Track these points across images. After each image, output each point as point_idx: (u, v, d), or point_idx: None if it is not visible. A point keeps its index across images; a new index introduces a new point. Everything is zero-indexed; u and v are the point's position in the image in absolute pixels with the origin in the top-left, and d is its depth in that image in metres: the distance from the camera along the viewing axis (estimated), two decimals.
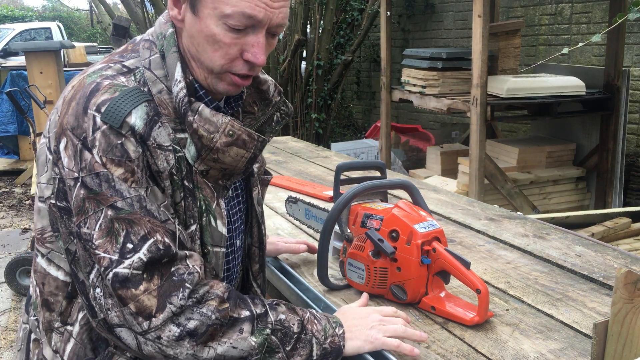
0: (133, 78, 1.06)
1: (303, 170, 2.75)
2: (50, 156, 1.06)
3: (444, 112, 4.52)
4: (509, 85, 4.10)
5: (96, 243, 0.99)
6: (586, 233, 2.95)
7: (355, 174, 2.27)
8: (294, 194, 2.09)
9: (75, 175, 1.00)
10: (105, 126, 0.99)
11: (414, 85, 4.79)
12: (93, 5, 15.16)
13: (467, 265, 1.25)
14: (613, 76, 4.32)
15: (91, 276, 1.02)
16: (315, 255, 1.57)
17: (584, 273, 1.52)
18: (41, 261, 1.12)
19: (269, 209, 2.13)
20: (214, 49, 1.05)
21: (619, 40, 4.28)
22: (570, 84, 4.23)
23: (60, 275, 1.11)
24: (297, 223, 1.94)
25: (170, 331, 0.99)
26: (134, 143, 1.00)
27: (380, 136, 5.40)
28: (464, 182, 4.33)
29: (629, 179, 5.10)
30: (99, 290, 1.00)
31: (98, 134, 0.99)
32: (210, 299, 1.03)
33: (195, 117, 1.05)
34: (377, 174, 1.67)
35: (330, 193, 2.20)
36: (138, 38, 1.15)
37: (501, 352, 1.15)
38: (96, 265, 1.00)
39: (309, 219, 1.80)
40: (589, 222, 3.18)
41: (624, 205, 4.67)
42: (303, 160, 3.01)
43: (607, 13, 4.83)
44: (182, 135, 1.06)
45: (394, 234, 1.31)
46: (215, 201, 1.12)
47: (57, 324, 1.12)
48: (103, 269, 0.98)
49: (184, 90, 1.05)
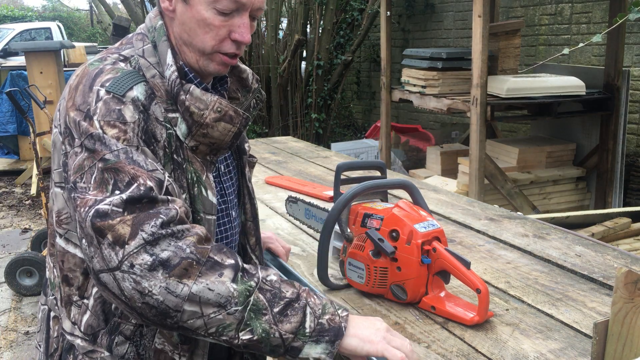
0: (130, 64, 1.18)
1: (303, 170, 2.76)
2: (61, 138, 1.14)
3: (444, 112, 4.52)
4: (509, 85, 4.10)
5: (90, 193, 1.05)
6: (586, 233, 2.95)
7: (355, 174, 2.27)
8: (294, 194, 2.09)
9: (78, 144, 1.09)
10: (108, 95, 1.10)
11: (414, 85, 4.80)
12: (93, 5, 15.18)
13: (467, 265, 1.25)
14: (613, 76, 4.32)
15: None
16: (315, 254, 1.57)
17: (584, 273, 1.52)
18: (60, 241, 1.20)
19: (269, 209, 2.13)
20: (204, 32, 1.18)
21: (619, 40, 4.28)
22: (570, 84, 4.23)
23: (78, 252, 1.18)
24: (297, 223, 1.94)
25: (142, 259, 1.00)
26: (132, 110, 1.11)
27: (380, 136, 5.40)
28: (464, 182, 4.33)
29: (629, 179, 5.10)
30: (84, 240, 1.05)
31: (100, 103, 1.10)
32: (189, 235, 1.05)
33: (187, 97, 1.17)
34: (377, 174, 1.67)
35: (330, 193, 2.20)
36: (130, 34, 1.27)
37: (501, 352, 1.15)
38: (82, 209, 1.04)
39: (309, 218, 1.80)
40: (589, 222, 3.18)
41: (624, 205, 4.68)
42: (303, 160, 3.01)
43: (607, 13, 4.83)
44: (173, 115, 1.18)
45: (394, 234, 1.31)
46: (205, 174, 1.23)
47: (76, 298, 1.20)
48: (87, 208, 1.03)
49: (176, 73, 1.17)
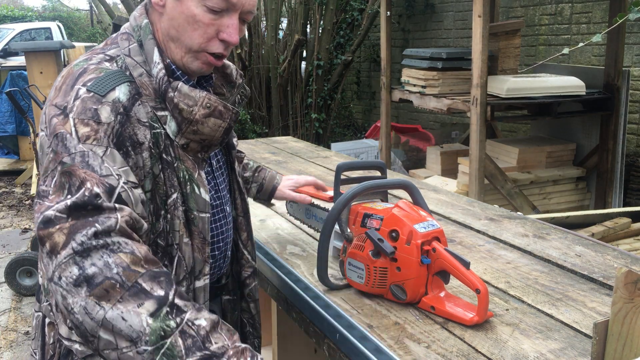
0: (116, 64, 1.17)
1: (303, 170, 2.75)
2: (47, 141, 1.12)
3: (444, 112, 4.52)
4: (509, 85, 4.10)
5: (50, 198, 1.03)
6: (586, 233, 2.95)
7: (355, 174, 2.27)
8: None
9: (49, 142, 1.08)
10: (87, 94, 1.09)
11: (414, 85, 4.79)
12: (93, 5, 15.16)
13: (467, 265, 1.25)
14: (613, 76, 4.32)
15: None
16: (315, 254, 1.58)
17: (584, 273, 1.52)
18: None
19: (269, 209, 2.13)
20: (193, 29, 1.17)
21: (619, 40, 4.28)
22: (570, 84, 4.23)
23: None
24: (298, 223, 1.94)
25: (70, 272, 0.96)
26: (109, 111, 1.09)
27: (380, 136, 5.40)
28: (464, 182, 4.33)
29: (629, 179, 5.10)
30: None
31: (78, 101, 1.08)
32: (123, 252, 0.98)
33: (175, 94, 1.16)
34: (377, 174, 1.67)
35: (330, 193, 2.20)
36: (114, 35, 1.27)
37: (501, 352, 1.15)
38: (35, 214, 1.03)
39: (310, 218, 1.80)
40: (589, 222, 3.18)
41: (624, 205, 4.68)
42: (303, 160, 3.01)
43: (607, 13, 4.83)
44: (162, 113, 1.17)
45: (393, 234, 1.31)
46: (197, 172, 1.22)
47: None
48: (39, 214, 1.01)
49: (163, 71, 1.17)
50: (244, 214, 1.43)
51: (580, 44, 3.96)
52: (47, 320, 1.22)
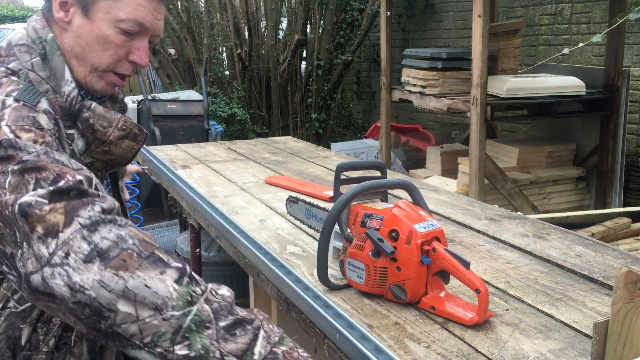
0: (19, 78, 1.12)
1: (303, 170, 2.75)
2: None
3: (444, 112, 4.52)
4: (509, 85, 4.10)
5: (5, 197, 0.95)
6: (586, 233, 2.95)
7: (355, 174, 2.27)
8: (294, 194, 2.09)
9: None
10: (17, 103, 1.05)
11: (414, 85, 4.79)
12: None
13: (467, 265, 1.25)
14: (613, 76, 4.32)
15: None
16: (315, 254, 1.57)
17: (584, 273, 1.52)
18: None
19: (269, 209, 2.13)
20: (103, 49, 1.15)
21: (619, 40, 4.28)
22: (570, 84, 4.23)
23: None
24: (298, 223, 1.94)
25: (79, 248, 0.90)
26: (46, 119, 1.06)
27: (380, 136, 5.40)
28: (464, 182, 4.33)
29: (629, 179, 5.10)
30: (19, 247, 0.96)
31: (8, 110, 1.03)
32: (132, 227, 0.95)
33: (89, 114, 1.15)
34: (377, 174, 1.67)
35: (330, 193, 2.20)
36: (4, 44, 1.19)
37: (501, 352, 1.15)
38: (3, 211, 0.95)
39: (310, 218, 1.80)
40: (589, 222, 3.18)
41: (624, 205, 4.67)
42: (303, 160, 3.01)
43: (607, 13, 4.83)
44: (70, 132, 1.15)
45: (393, 234, 1.31)
46: None
47: None
48: (10, 207, 0.94)
49: (77, 90, 1.14)
50: None
51: (580, 44, 3.96)
52: None
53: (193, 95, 5.56)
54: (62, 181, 0.95)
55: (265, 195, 2.31)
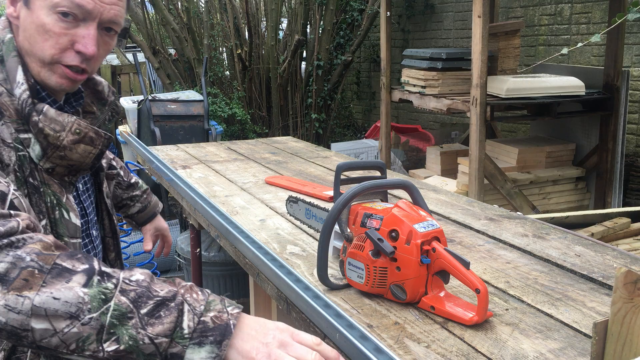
0: None
1: (303, 170, 2.76)
2: None
3: (444, 112, 4.52)
4: (508, 85, 4.10)
5: None
6: (586, 233, 2.96)
7: (355, 174, 2.28)
8: (294, 194, 2.10)
9: None
10: None
11: (414, 85, 4.80)
12: None
13: (467, 265, 1.26)
14: (612, 76, 4.32)
15: None
16: (315, 254, 1.58)
17: (584, 273, 1.52)
18: None
19: (269, 209, 2.13)
20: (44, 39, 1.09)
21: (619, 40, 4.29)
22: (570, 84, 4.23)
23: None
24: (298, 223, 1.94)
25: None
26: None
27: (380, 136, 5.41)
28: (464, 182, 4.33)
29: (629, 179, 5.10)
30: None
31: None
32: (31, 243, 0.91)
33: (40, 117, 1.09)
34: (377, 174, 1.67)
35: (330, 193, 2.20)
36: None
37: (501, 352, 1.15)
38: None
39: (310, 218, 1.80)
40: (588, 222, 3.18)
41: (623, 205, 4.68)
42: (303, 160, 3.01)
43: (607, 13, 4.83)
44: (26, 136, 1.10)
45: (393, 234, 1.31)
46: (65, 196, 1.15)
47: None
48: None
49: (27, 92, 1.09)
50: (112, 234, 1.39)
51: (580, 44, 3.96)
52: None
53: (193, 95, 5.56)
54: None
55: (266, 195, 2.31)
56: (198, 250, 2.71)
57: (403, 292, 1.32)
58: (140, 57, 7.32)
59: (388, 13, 5.12)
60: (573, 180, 4.57)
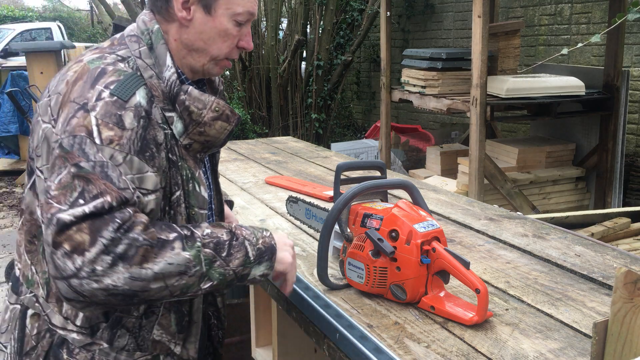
0: (128, 65, 1.22)
1: (303, 170, 2.76)
2: (55, 135, 1.14)
3: (444, 112, 4.52)
4: (508, 85, 4.10)
5: (52, 194, 1.08)
6: (586, 233, 2.96)
7: (355, 174, 2.28)
8: (294, 194, 2.10)
9: (58, 137, 1.12)
10: (111, 98, 1.13)
11: (414, 85, 4.80)
12: (93, 5, 15.16)
13: (467, 265, 1.26)
14: (612, 76, 4.32)
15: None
16: (315, 254, 1.58)
17: (584, 273, 1.52)
18: None
19: (269, 209, 2.13)
20: (223, 40, 1.29)
21: (619, 40, 4.29)
22: (570, 84, 4.23)
23: None
24: (298, 223, 1.94)
25: (102, 260, 1.04)
26: (132, 117, 1.14)
27: (380, 136, 5.41)
28: (464, 182, 4.33)
29: (629, 179, 5.11)
30: (46, 245, 1.08)
31: (101, 102, 1.13)
32: (136, 225, 1.09)
33: (186, 96, 1.24)
34: (377, 174, 1.67)
35: (330, 193, 2.20)
36: (118, 36, 1.32)
37: (501, 352, 1.15)
38: (45, 214, 1.08)
39: (310, 218, 1.80)
40: (588, 222, 3.18)
41: (623, 205, 4.68)
42: (303, 160, 3.01)
43: (607, 13, 4.83)
44: (170, 114, 1.24)
45: (393, 234, 1.31)
46: (197, 171, 1.30)
47: None
48: (50, 215, 1.06)
49: (175, 75, 1.25)
50: (219, 213, 1.51)
51: (580, 44, 3.97)
52: (30, 311, 1.26)
53: None
54: (100, 200, 1.07)
55: (266, 195, 2.31)
56: None
57: (403, 292, 1.32)
58: None
59: (388, 13, 5.12)
60: (573, 180, 4.57)
